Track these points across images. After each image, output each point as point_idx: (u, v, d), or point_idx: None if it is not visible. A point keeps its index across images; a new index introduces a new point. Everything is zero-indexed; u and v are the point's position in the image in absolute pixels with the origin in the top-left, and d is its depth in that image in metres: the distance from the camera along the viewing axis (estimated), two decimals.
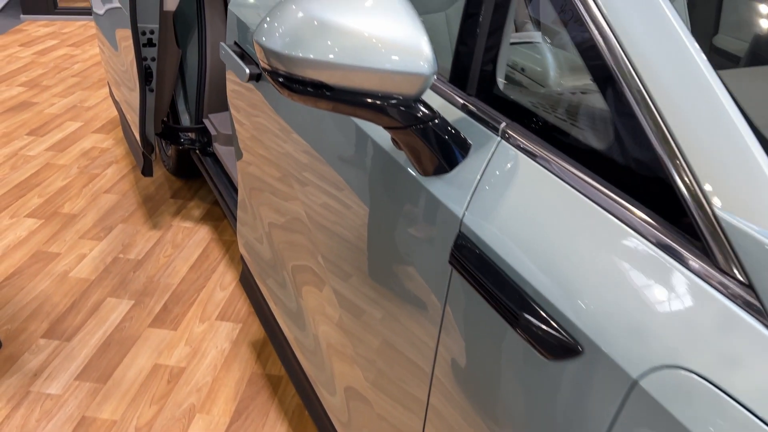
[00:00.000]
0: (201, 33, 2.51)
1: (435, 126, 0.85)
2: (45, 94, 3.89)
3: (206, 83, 2.52)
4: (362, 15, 0.81)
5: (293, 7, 0.85)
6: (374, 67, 0.79)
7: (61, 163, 3.08)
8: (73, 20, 5.44)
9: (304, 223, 1.34)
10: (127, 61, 2.39)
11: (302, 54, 0.81)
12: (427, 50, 0.80)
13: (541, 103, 0.88)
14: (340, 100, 0.83)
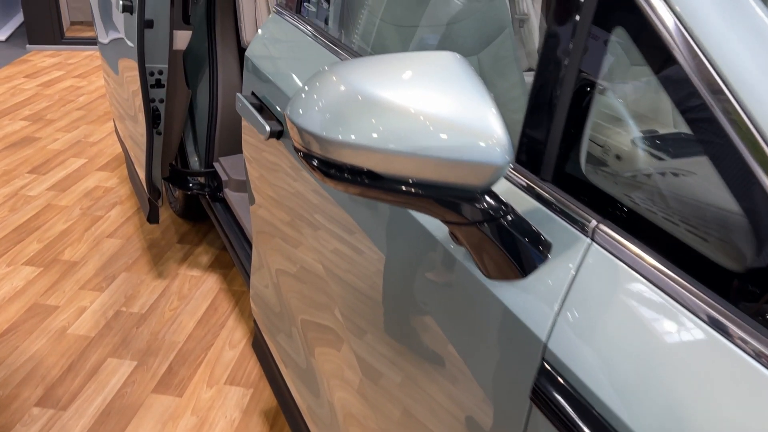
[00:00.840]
0: (212, 72, 2.38)
1: (507, 222, 0.69)
2: (48, 128, 3.76)
3: (217, 125, 2.39)
4: (417, 89, 0.67)
5: (333, 78, 0.70)
6: (432, 154, 0.64)
7: (62, 204, 2.93)
8: (80, 50, 5.35)
9: (323, 280, 1.19)
10: (133, 100, 2.25)
11: (343, 137, 0.66)
12: (500, 132, 0.64)
13: (645, 196, 0.72)
14: (389, 189, 0.68)
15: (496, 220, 0.69)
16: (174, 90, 2.23)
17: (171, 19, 2.09)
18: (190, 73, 2.38)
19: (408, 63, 0.70)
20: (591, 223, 0.69)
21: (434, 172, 0.65)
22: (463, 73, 0.69)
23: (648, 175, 0.74)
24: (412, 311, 0.92)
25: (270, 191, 1.41)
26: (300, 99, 0.72)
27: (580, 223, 0.70)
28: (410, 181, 0.67)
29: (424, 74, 0.68)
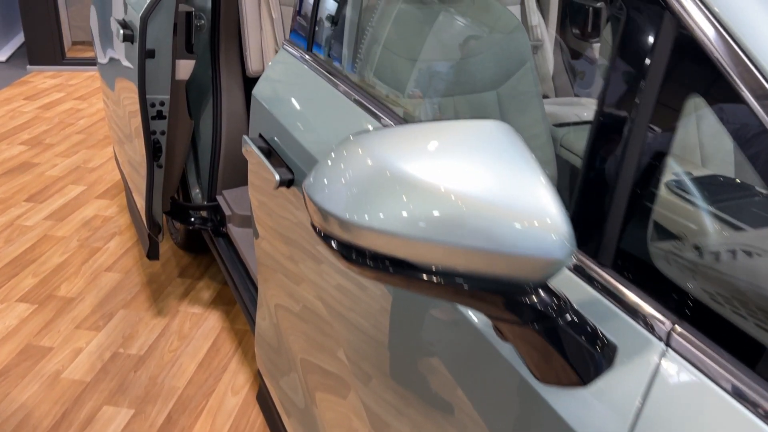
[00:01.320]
0: (216, 101, 2.29)
1: (565, 322, 0.59)
2: (47, 153, 3.68)
3: (221, 156, 2.29)
4: (457, 165, 0.57)
5: (359, 150, 0.61)
6: (475, 244, 0.54)
7: (59, 235, 2.83)
8: (81, 71, 5.28)
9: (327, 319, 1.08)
10: (133, 131, 2.16)
11: (369, 220, 0.57)
12: (559, 219, 0.55)
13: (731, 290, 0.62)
14: (422, 280, 0.58)
15: (551, 320, 0.59)
16: (176, 121, 2.14)
17: (173, 48, 2.00)
18: (192, 102, 2.29)
19: (445, 133, 0.60)
20: (665, 324, 0.58)
21: (476, 264, 0.56)
22: (512, 146, 0.59)
23: (733, 259, 0.63)
24: (422, 359, 0.82)
25: (275, 231, 1.31)
26: (320, 172, 0.63)
27: (651, 323, 0.59)
28: (454, 273, 0.57)
29: (464, 147, 0.59)
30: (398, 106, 1.50)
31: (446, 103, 1.59)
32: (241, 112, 2.31)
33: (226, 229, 2.23)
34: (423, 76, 1.59)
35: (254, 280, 2.01)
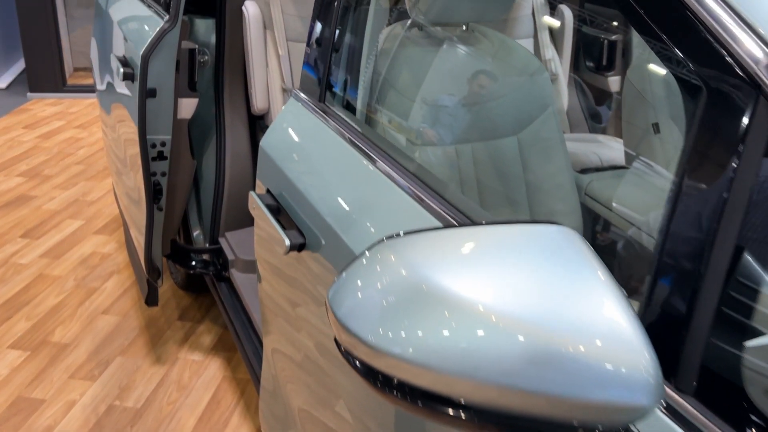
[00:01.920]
0: (219, 140, 2.20)
1: None
2: (45, 185, 3.59)
3: (224, 197, 2.20)
4: (512, 280, 0.47)
5: (392, 257, 0.51)
6: (533, 387, 0.44)
7: (55, 274, 2.73)
8: (82, 98, 5.21)
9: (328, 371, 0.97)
10: (132, 171, 2.07)
11: (400, 349, 0.47)
12: (645, 356, 0.45)
13: None
14: (461, 419, 0.48)
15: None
16: (178, 162, 2.04)
17: (176, 86, 1.92)
18: (195, 141, 2.20)
19: (497, 239, 0.50)
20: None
21: (534, 406, 0.46)
22: (579, 258, 0.49)
23: None
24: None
25: (283, 293, 1.21)
26: (346, 282, 0.53)
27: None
28: (508, 415, 0.47)
29: (521, 258, 0.49)
30: (414, 156, 1.41)
31: (464, 151, 1.50)
32: (246, 152, 2.22)
33: (228, 273, 2.13)
34: (440, 122, 1.50)
35: (257, 329, 1.90)
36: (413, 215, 0.92)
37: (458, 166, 1.48)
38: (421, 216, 0.90)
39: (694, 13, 0.62)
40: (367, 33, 1.25)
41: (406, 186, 0.96)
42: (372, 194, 1.01)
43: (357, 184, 1.05)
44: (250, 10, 2.08)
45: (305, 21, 2.18)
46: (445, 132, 1.49)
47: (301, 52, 2.18)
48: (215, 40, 2.14)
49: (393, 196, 0.97)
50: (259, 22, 2.09)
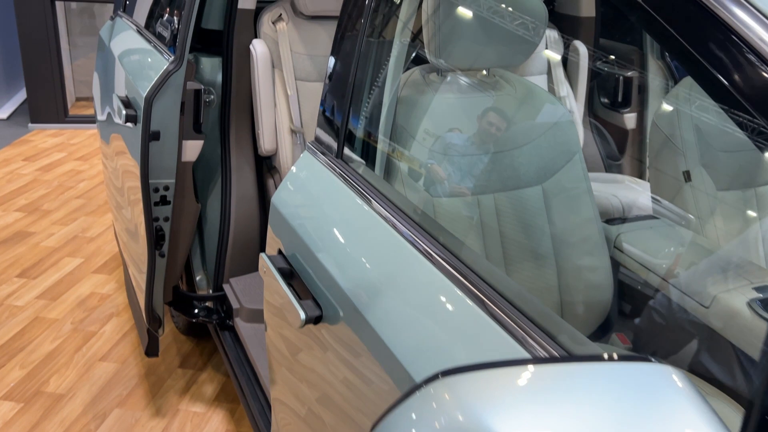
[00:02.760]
0: (225, 181, 2.12)
1: None
2: (44, 221, 3.50)
3: (229, 242, 2.11)
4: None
5: (447, 397, 0.42)
6: None
7: (52, 317, 2.63)
8: (84, 129, 5.15)
9: None
10: (133, 214, 1.98)
11: None
12: None
13: None
14: None
15: None
16: (181, 206, 1.96)
17: (180, 128, 1.84)
18: (199, 183, 2.12)
19: (572, 382, 0.41)
20: None
21: None
22: (688, 410, 0.39)
23: None
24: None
25: (296, 368, 1.11)
26: (401, 414, 0.44)
27: None
28: None
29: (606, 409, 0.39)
30: (436, 208, 1.32)
31: (486, 201, 1.41)
32: (252, 194, 2.13)
33: (232, 322, 2.03)
34: (461, 172, 1.41)
35: (262, 382, 1.80)
36: (438, 288, 0.83)
37: (480, 218, 1.39)
38: (446, 289, 0.82)
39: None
40: (387, 83, 1.17)
41: (430, 253, 0.87)
42: (394, 262, 0.92)
43: (377, 251, 0.96)
44: (258, 48, 2.01)
45: (314, 60, 2.11)
46: (466, 182, 1.40)
47: (309, 92, 2.11)
48: (221, 79, 2.07)
49: (415, 265, 0.88)
50: (267, 61, 2.02)
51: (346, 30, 1.17)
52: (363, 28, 1.11)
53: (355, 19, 1.14)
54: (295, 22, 2.10)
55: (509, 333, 0.69)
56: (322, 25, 2.14)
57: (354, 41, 1.13)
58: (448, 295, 0.82)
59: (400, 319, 0.85)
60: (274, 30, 2.06)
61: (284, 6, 2.11)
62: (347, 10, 1.16)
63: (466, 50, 1.33)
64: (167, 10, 2.06)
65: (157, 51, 1.95)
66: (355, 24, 1.14)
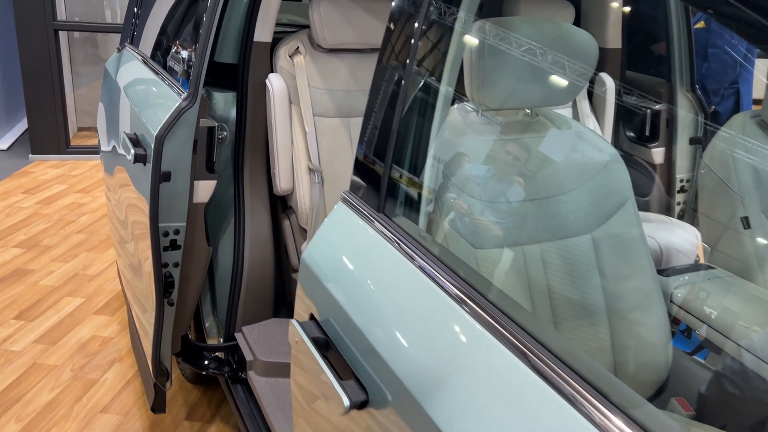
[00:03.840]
0: (238, 224, 1.99)
1: None
2: (43, 257, 3.36)
3: (242, 288, 1.97)
4: None
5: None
6: None
7: (50, 363, 2.48)
8: (86, 160, 5.05)
9: None
10: (140, 259, 1.85)
11: None
12: None
13: None
14: None
15: None
16: (192, 250, 1.83)
17: (192, 168, 1.72)
18: (210, 225, 1.99)
19: None
20: None
21: None
22: None
23: None
24: None
25: None
26: None
27: None
28: None
29: None
30: (480, 260, 1.20)
31: (532, 252, 1.28)
32: (266, 236, 2.00)
33: (245, 375, 1.89)
34: (505, 220, 1.29)
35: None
36: (507, 369, 0.71)
37: (526, 271, 1.27)
38: (517, 369, 0.69)
39: None
40: (434, 125, 1.05)
41: (493, 325, 0.75)
42: (448, 336, 0.80)
43: (428, 321, 0.83)
44: (275, 83, 1.91)
45: (333, 95, 2.01)
46: (510, 231, 1.28)
47: (328, 128, 1.99)
48: (236, 115, 1.95)
49: (479, 342, 0.76)
50: (284, 96, 1.91)
51: (389, 66, 1.05)
52: (409, 64, 1.00)
53: (400, 53, 1.03)
54: (312, 55, 2.00)
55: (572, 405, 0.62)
56: (341, 58, 2.04)
57: (398, 79, 1.02)
58: (517, 375, 0.69)
59: (462, 405, 0.72)
60: (291, 64, 1.96)
61: (301, 39, 2.01)
62: (390, 43, 1.05)
63: (509, 89, 1.22)
64: (178, 42, 1.95)
65: (168, 86, 1.84)
66: (399, 58, 1.03)
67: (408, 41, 1.01)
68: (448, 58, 1.04)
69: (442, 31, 1.08)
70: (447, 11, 1.06)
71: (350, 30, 1.97)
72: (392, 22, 1.06)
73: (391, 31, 1.06)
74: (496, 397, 0.71)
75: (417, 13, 1.01)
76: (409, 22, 1.02)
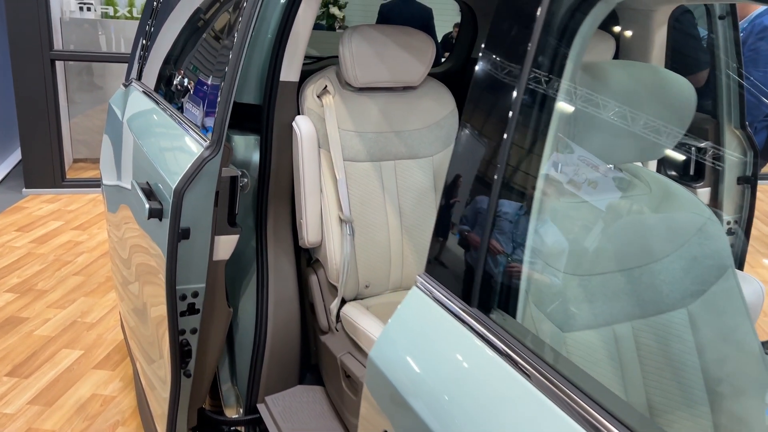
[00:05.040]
0: (261, 280, 1.80)
1: None
2: (38, 303, 3.14)
3: (265, 352, 1.77)
4: None
5: None
6: None
7: (47, 428, 2.26)
8: (82, 193, 4.85)
9: None
10: (152, 323, 1.66)
11: None
12: None
13: None
14: None
15: None
16: (211, 313, 1.63)
17: (213, 222, 1.53)
18: (230, 282, 1.80)
19: None
20: None
21: None
22: None
23: None
24: None
25: None
26: None
27: None
28: None
29: None
30: (570, 345, 1.02)
31: (623, 332, 1.10)
32: (292, 294, 1.81)
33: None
34: (593, 296, 1.11)
35: None
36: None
37: (618, 354, 1.09)
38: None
39: None
40: (536, 196, 0.87)
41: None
42: None
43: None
44: (303, 126, 1.73)
45: (364, 138, 1.83)
46: (599, 309, 1.10)
47: (359, 174, 1.81)
48: (259, 160, 1.77)
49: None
50: (313, 140, 1.74)
51: (479, 120, 0.87)
52: (510, 123, 0.82)
53: (497, 103, 0.85)
54: (342, 95, 1.83)
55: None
56: (371, 97, 1.87)
57: (495, 148, 0.84)
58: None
59: None
60: (319, 105, 1.79)
61: (329, 76, 1.84)
62: (480, 88, 0.87)
63: (600, 144, 1.05)
64: (195, 81, 1.78)
65: (185, 129, 1.66)
66: (495, 111, 0.85)
67: (504, 106, 0.84)
68: (551, 126, 0.86)
69: (542, 94, 0.90)
70: (549, 70, 0.88)
71: (383, 67, 1.80)
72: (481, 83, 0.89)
73: (480, 92, 0.88)
74: None
75: (515, 81, 0.83)
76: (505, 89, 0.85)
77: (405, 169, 1.90)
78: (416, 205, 1.90)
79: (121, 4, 5.68)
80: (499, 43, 0.88)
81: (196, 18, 1.96)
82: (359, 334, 1.64)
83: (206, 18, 1.87)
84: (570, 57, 0.84)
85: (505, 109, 0.84)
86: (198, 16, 1.96)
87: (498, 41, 0.88)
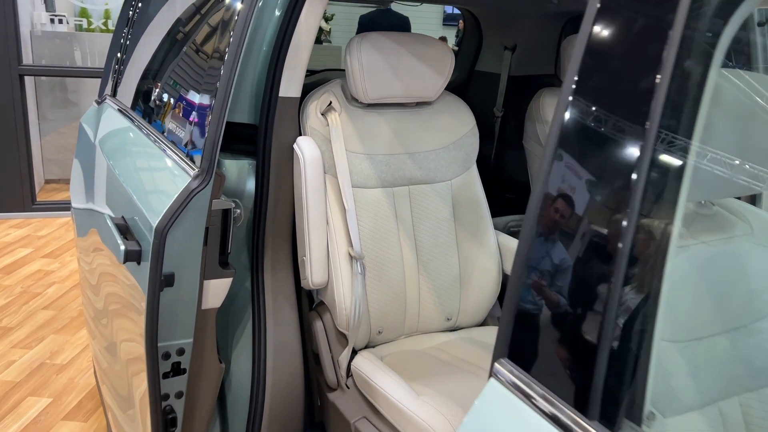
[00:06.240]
0: (257, 328, 1.54)
1: None
2: (3, 344, 2.84)
3: (264, 412, 1.52)
4: None
5: None
6: None
7: None
8: (54, 217, 4.54)
9: None
10: (131, 384, 1.40)
11: None
12: None
13: None
14: None
15: None
16: (199, 371, 1.38)
17: (202, 264, 1.29)
18: (221, 332, 1.54)
19: None
20: None
21: None
22: None
23: None
24: None
25: None
26: None
27: None
28: None
29: None
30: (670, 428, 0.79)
31: (730, 410, 0.87)
32: (294, 344, 1.56)
33: None
34: (693, 365, 0.88)
35: None
36: None
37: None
38: None
39: None
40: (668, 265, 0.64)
41: None
42: None
43: None
44: (306, 149, 1.49)
45: (373, 160, 1.60)
46: (701, 382, 0.87)
47: (368, 202, 1.58)
48: (255, 188, 1.52)
49: None
50: (317, 164, 1.49)
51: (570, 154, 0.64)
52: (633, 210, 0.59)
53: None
54: (349, 112, 1.59)
55: None
56: (382, 114, 1.64)
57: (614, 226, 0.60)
58: None
59: None
60: (324, 123, 1.55)
61: (334, 91, 1.61)
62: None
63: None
64: (178, 98, 1.53)
65: (168, 156, 1.42)
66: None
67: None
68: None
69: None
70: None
71: (396, 80, 1.57)
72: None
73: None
74: None
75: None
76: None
77: (420, 195, 1.66)
78: (433, 236, 1.67)
79: (96, 16, 5.41)
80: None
81: (179, 28, 1.72)
82: (375, 393, 1.39)
83: (190, 28, 1.63)
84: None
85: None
86: (180, 25, 1.72)
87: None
